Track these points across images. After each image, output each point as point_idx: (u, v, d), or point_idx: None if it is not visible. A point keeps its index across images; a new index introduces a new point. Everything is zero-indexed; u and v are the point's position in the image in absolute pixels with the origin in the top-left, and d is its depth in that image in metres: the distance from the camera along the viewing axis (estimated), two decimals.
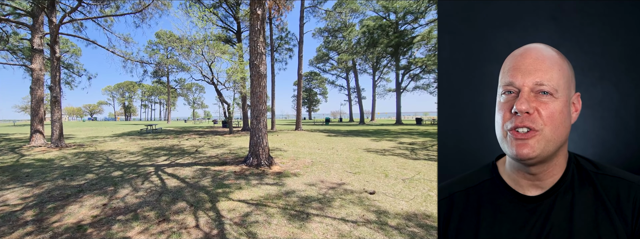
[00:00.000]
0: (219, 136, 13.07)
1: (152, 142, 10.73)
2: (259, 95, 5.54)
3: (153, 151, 8.03)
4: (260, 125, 5.52)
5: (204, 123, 37.46)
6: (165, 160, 6.55)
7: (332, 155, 7.10)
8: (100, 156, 7.28)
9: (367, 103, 44.11)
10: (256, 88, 5.57)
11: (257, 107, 5.58)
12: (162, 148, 8.88)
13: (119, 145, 9.75)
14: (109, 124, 33.34)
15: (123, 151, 8.21)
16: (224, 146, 9.01)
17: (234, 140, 11.14)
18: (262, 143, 5.50)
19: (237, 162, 5.91)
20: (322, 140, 11.22)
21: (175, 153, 7.71)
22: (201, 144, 9.88)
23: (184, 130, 19.56)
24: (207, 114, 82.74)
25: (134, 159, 6.71)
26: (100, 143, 10.45)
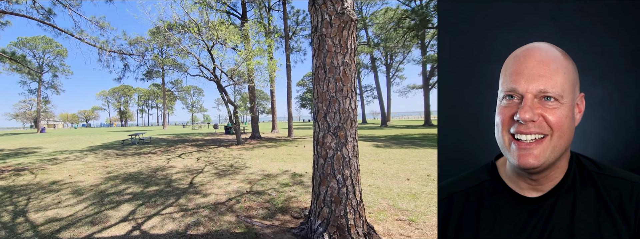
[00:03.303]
0: (223, 149, 9.71)
1: (130, 161, 7.40)
2: (341, 92, 2.19)
3: (118, 187, 4.68)
4: (342, 153, 2.17)
5: (203, 128, 34.00)
6: (129, 215, 3.22)
7: None
8: (17, 201, 3.92)
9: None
10: (336, 83, 2.22)
11: (334, 116, 2.23)
12: (138, 176, 5.53)
13: (78, 169, 6.40)
14: (99, 131, 29.93)
15: (71, 184, 4.86)
16: (237, 172, 5.68)
17: (248, 157, 7.78)
18: (349, 195, 2.17)
19: (276, 228, 2.60)
20: (384, 155, 7.89)
21: (152, 191, 4.36)
22: (200, 165, 6.55)
23: (180, 138, 16.18)
24: (206, 118, 79.40)
25: (66, 214, 3.37)
26: (55, 165, 7.12)
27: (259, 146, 10.52)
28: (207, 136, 17.02)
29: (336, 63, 2.12)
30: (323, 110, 2.24)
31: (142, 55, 11.32)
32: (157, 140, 15.08)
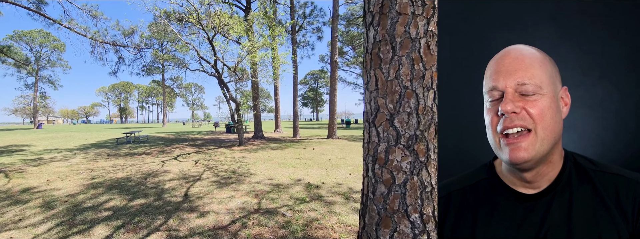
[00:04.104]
0: (224, 151, 8.91)
1: (120, 164, 6.60)
2: (422, 81, 1.39)
3: (98, 198, 3.88)
4: (421, 178, 1.37)
5: (203, 126, 33.16)
6: None
7: None
8: None
9: None
10: (413, 65, 1.42)
11: (409, 119, 1.42)
12: (125, 183, 4.73)
13: (60, 172, 5.61)
14: (97, 128, 29.14)
15: (44, 193, 4.06)
16: (241, 180, 4.88)
17: (252, 161, 6.98)
18: None
19: None
20: None
21: (138, 206, 3.55)
22: (198, 171, 5.74)
23: (178, 136, 15.38)
24: (207, 116, 78.56)
25: (31, 235, 2.57)
26: (37, 166, 6.35)
27: (263, 147, 9.71)
28: (207, 135, 16.21)
29: (415, 34, 1.30)
30: (387, 108, 1.42)
31: (138, 48, 10.51)
32: (154, 138, 14.29)
